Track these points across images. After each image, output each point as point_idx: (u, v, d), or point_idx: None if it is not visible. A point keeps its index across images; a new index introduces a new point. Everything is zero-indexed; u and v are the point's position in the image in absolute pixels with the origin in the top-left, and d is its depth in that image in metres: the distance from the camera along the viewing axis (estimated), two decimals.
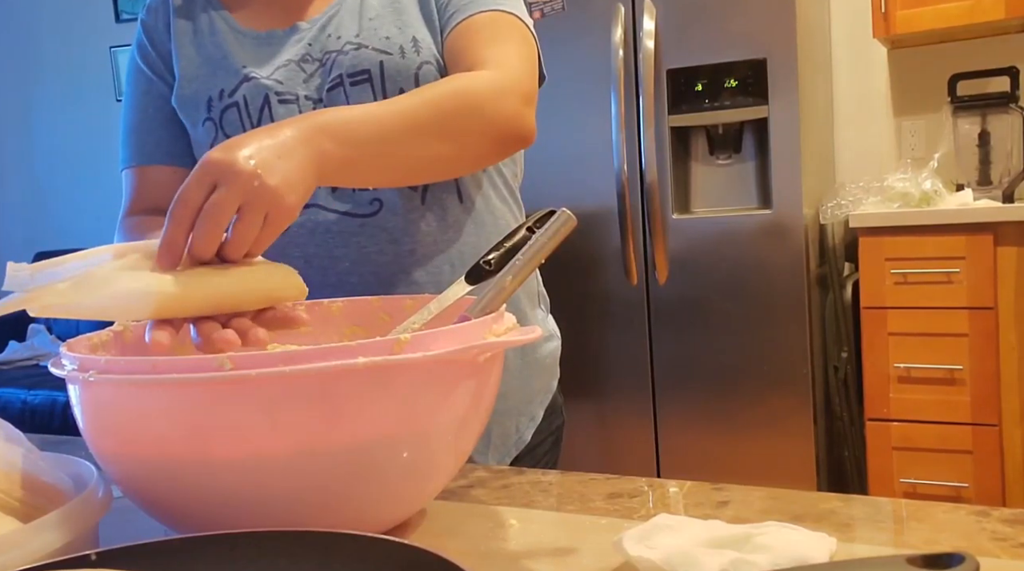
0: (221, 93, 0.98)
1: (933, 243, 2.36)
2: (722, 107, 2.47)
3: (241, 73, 0.98)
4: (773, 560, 0.52)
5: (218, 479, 0.58)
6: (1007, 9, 2.49)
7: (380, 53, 0.96)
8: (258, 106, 0.97)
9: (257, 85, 0.97)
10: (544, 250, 0.69)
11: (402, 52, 0.96)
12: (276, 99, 0.97)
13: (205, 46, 1.01)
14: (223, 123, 0.98)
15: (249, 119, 0.97)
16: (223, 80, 0.98)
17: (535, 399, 1.09)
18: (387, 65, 0.95)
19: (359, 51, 0.96)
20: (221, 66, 0.99)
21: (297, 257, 0.96)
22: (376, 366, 0.56)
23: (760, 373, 2.47)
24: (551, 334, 1.13)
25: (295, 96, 0.97)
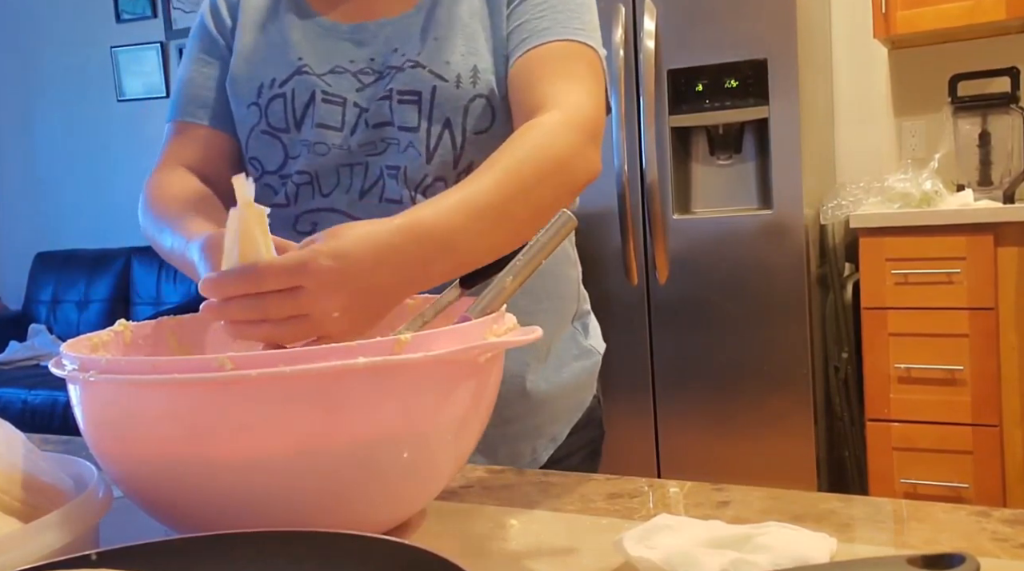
0: (273, 81, 0.97)
1: (934, 243, 2.36)
2: (723, 107, 2.47)
3: (295, 65, 0.97)
4: (773, 560, 0.52)
5: (218, 479, 0.58)
6: (1008, 9, 2.49)
7: (436, 78, 0.93)
8: (304, 101, 0.96)
9: (307, 81, 0.96)
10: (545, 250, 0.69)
11: (458, 82, 0.93)
12: (322, 98, 0.96)
13: (269, 30, 1.00)
14: (268, 111, 0.97)
15: (293, 113, 0.96)
16: (276, 68, 0.98)
17: (561, 419, 1.05)
18: (439, 91, 0.93)
19: (415, 70, 0.94)
20: (279, 53, 0.99)
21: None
22: (376, 366, 0.56)
23: (760, 373, 2.47)
24: (583, 352, 1.08)
25: (342, 99, 0.96)
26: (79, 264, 4.38)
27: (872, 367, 2.46)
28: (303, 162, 0.96)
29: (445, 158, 0.94)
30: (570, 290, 1.07)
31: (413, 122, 0.94)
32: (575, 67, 0.92)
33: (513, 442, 1.01)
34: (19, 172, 4.77)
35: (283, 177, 0.98)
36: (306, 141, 0.96)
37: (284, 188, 0.97)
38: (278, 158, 0.98)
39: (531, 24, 0.93)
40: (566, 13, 0.94)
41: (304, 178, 0.96)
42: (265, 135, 0.98)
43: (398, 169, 0.94)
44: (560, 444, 1.05)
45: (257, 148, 0.99)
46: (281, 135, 0.97)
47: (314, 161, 0.96)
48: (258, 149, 0.98)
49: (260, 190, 0.97)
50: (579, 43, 0.93)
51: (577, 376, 1.07)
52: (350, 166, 0.95)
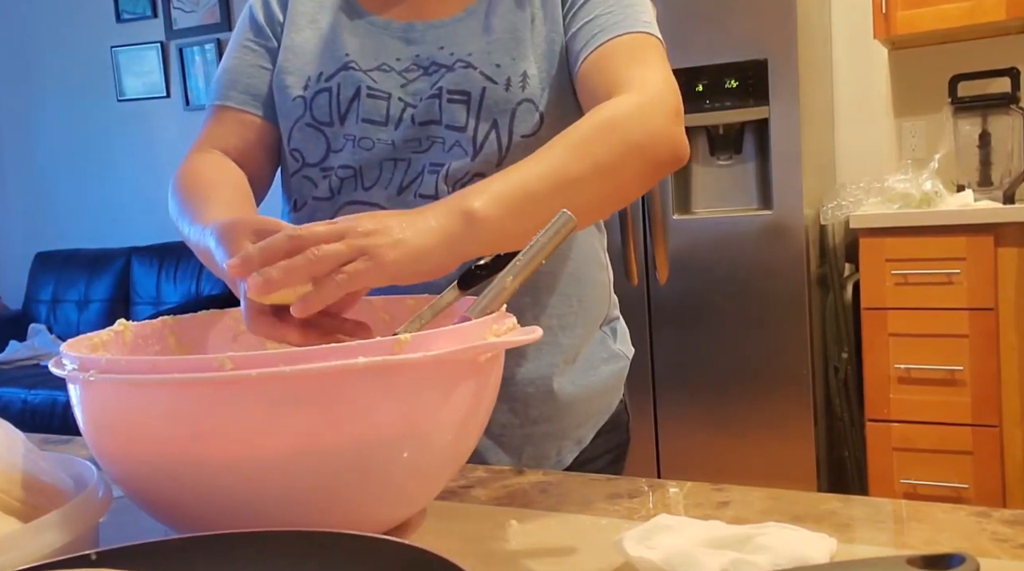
0: (320, 75, 0.99)
1: (934, 244, 2.36)
2: (723, 108, 2.48)
3: (342, 60, 0.98)
4: (773, 560, 0.52)
5: (218, 479, 0.58)
6: (1008, 10, 2.49)
7: (486, 79, 0.94)
8: (349, 96, 0.97)
9: (353, 76, 0.97)
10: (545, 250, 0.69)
11: (508, 84, 0.94)
12: (367, 93, 0.97)
13: (319, 25, 1.02)
14: (313, 104, 0.98)
15: (337, 107, 0.97)
16: (324, 63, 0.99)
17: (587, 423, 1.05)
18: (488, 92, 0.94)
19: (467, 70, 0.95)
20: (327, 49, 1.00)
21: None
22: (376, 366, 0.56)
23: (760, 373, 2.47)
24: (612, 356, 1.07)
25: (387, 95, 0.97)
26: (79, 264, 4.38)
27: (872, 367, 2.46)
28: (347, 156, 0.97)
29: (489, 158, 0.94)
30: (601, 294, 1.07)
31: (461, 121, 0.95)
32: (648, 55, 0.93)
33: (539, 443, 1.01)
34: (19, 172, 4.77)
35: (324, 170, 0.99)
36: (351, 135, 0.97)
37: (327, 181, 0.98)
38: (320, 151, 0.99)
39: (599, 21, 0.94)
40: (632, 7, 0.96)
41: (348, 172, 0.97)
42: (309, 128, 0.99)
43: (441, 166, 0.95)
44: (585, 447, 1.05)
45: (300, 140, 1.00)
46: (325, 128, 0.98)
47: (359, 155, 0.97)
48: (301, 141, 1.00)
49: (299, 182, 1.00)
50: (647, 34, 0.94)
51: (605, 380, 1.06)
52: (394, 161, 0.96)
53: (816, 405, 2.49)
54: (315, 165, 0.99)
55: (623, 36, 0.93)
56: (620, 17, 0.94)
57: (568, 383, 1.01)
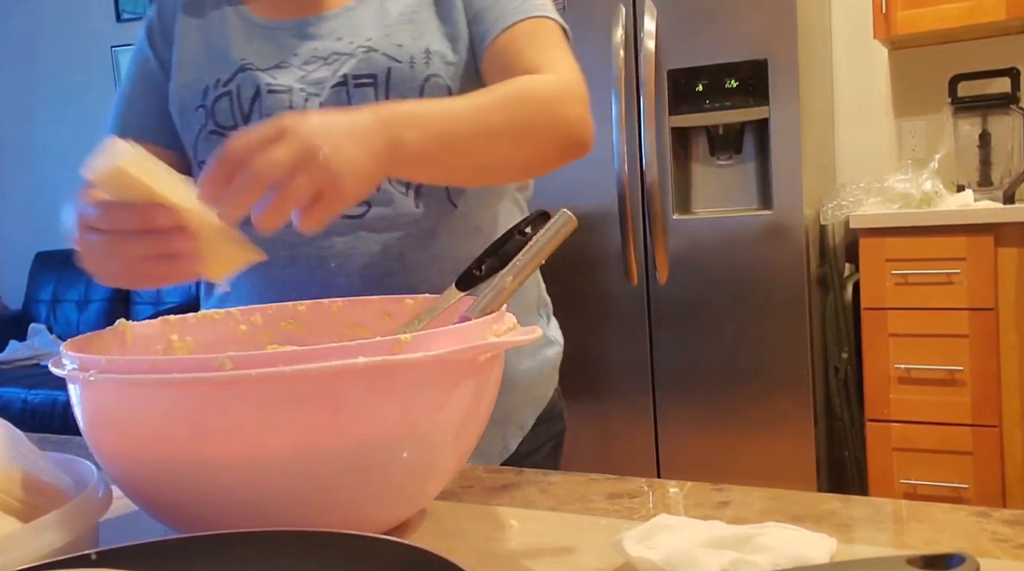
0: (217, 82, 0.99)
1: (934, 244, 2.36)
2: (723, 108, 2.47)
3: (238, 63, 0.99)
4: (773, 560, 0.52)
5: (218, 479, 0.58)
6: (1008, 10, 2.49)
7: (389, 59, 0.96)
8: (249, 96, 0.97)
9: (251, 76, 0.98)
10: (544, 251, 0.69)
11: (411, 62, 0.96)
12: (267, 90, 0.97)
13: (211, 36, 1.02)
14: (215, 111, 0.98)
15: (240, 109, 0.97)
16: (220, 69, 0.99)
17: (527, 408, 1.07)
18: (394, 72, 0.95)
19: (369, 54, 0.96)
20: (221, 56, 1.00)
21: (284, 256, 0.95)
22: (376, 366, 0.56)
23: (760, 373, 2.47)
24: (550, 341, 1.11)
25: (287, 88, 0.97)
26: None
27: (872, 367, 2.46)
28: None
29: None
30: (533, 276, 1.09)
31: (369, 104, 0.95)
32: (552, 40, 0.97)
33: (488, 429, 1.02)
34: (19, 171, 4.77)
35: None
36: None
37: None
38: None
39: (500, 5, 0.97)
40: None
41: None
42: (213, 135, 0.98)
43: None
44: (527, 435, 1.07)
45: (206, 150, 0.99)
46: (229, 133, 0.96)
47: None
48: (207, 151, 0.98)
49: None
50: (544, 17, 0.97)
51: (541, 365, 1.08)
52: None
53: (816, 405, 2.48)
54: None
55: (525, 21, 0.96)
56: (519, 2, 0.97)
57: (508, 366, 1.02)
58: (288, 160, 0.63)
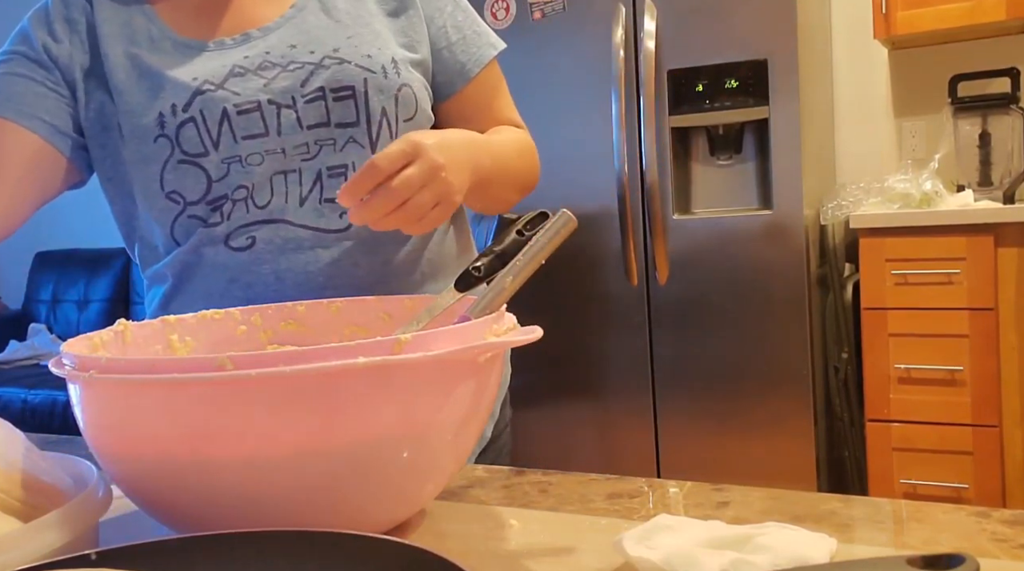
0: (173, 108, 0.92)
1: (934, 244, 2.36)
2: (723, 108, 2.47)
3: (192, 86, 0.93)
4: (773, 560, 0.52)
5: (218, 479, 0.58)
6: (1008, 10, 2.49)
7: (363, 70, 0.95)
8: (216, 119, 0.92)
9: (212, 98, 0.92)
10: (544, 251, 0.69)
11: (384, 72, 0.96)
12: (235, 110, 0.93)
13: (142, 59, 0.95)
14: (180, 139, 0.92)
15: (208, 134, 0.92)
16: (172, 94, 0.93)
17: (498, 397, 1.10)
18: (370, 82, 0.95)
19: (342, 66, 0.95)
20: (166, 79, 0.93)
21: (268, 274, 0.94)
22: (376, 366, 0.56)
23: (760, 373, 2.47)
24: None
25: (255, 103, 0.93)
26: (79, 264, 4.38)
27: (872, 367, 2.46)
28: (238, 177, 0.93)
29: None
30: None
31: (351, 117, 0.95)
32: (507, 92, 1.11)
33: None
34: None
35: (212, 202, 0.94)
36: (234, 157, 0.93)
37: (218, 212, 0.94)
38: (201, 185, 0.93)
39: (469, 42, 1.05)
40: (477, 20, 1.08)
41: (241, 193, 0.94)
42: (183, 165, 0.93)
43: (341, 167, 0.95)
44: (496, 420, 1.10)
45: (175, 181, 0.94)
46: (200, 160, 0.93)
47: (251, 172, 0.93)
48: (176, 181, 0.94)
49: (186, 223, 0.95)
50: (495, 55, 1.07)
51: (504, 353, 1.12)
52: (284, 174, 0.94)
53: (816, 405, 2.49)
54: (198, 202, 0.94)
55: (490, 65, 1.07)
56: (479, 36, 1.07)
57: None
58: (419, 178, 0.77)
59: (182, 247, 0.97)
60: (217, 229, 0.95)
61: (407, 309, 0.82)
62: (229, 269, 0.95)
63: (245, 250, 0.94)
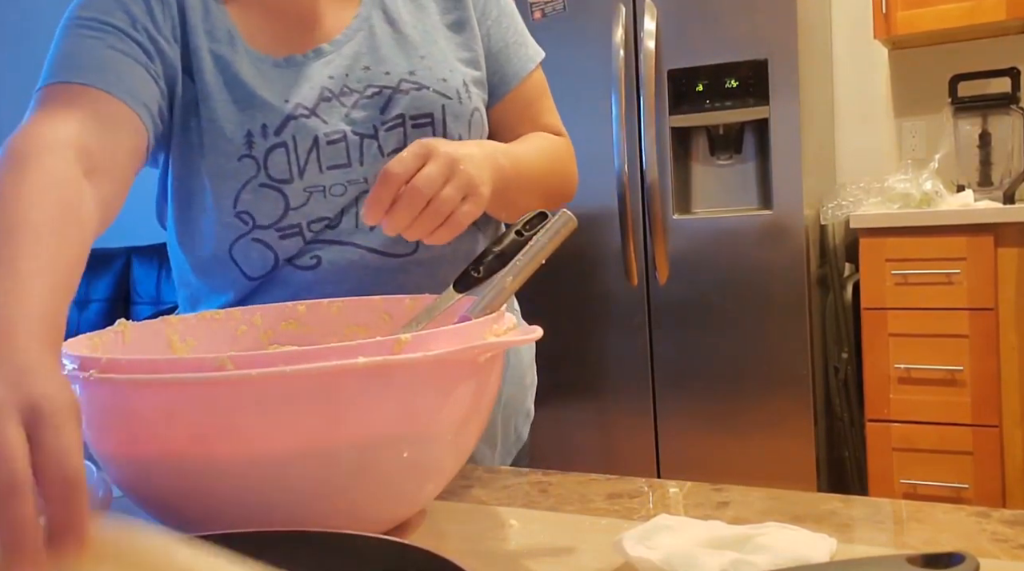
0: (264, 129, 0.89)
1: (934, 244, 2.36)
2: (723, 108, 2.47)
3: (284, 110, 0.89)
4: (773, 560, 0.52)
5: (218, 479, 0.58)
6: (1008, 10, 2.49)
7: (441, 96, 0.94)
8: (307, 147, 0.90)
9: (304, 125, 0.90)
10: (545, 251, 0.69)
11: (459, 97, 0.95)
12: (325, 141, 0.90)
13: (226, 70, 0.90)
14: (267, 163, 0.89)
15: (297, 161, 0.90)
16: (263, 115, 0.89)
17: (528, 395, 1.10)
18: (448, 110, 0.94)
19: (420, 92, 0.93)
20: (255, 98, 0.89)
21: (330, 295, 0.90)
22: (376, 366, 0.56)
23: (760, 374, 2.47)
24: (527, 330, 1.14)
25: (342, 134, 0.91)
26: None
27: (872, 367, 2.46)
28: (318, 208, 0.91)
29: None
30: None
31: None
32: (550, 100, 1.09)
33: (504, 421, 1.04)
34: None
35: (283, 229, 0.91)
36: (317, 187, 0.91)
37: (290, 240, 0.92)
38: (277, 210, 0.91)
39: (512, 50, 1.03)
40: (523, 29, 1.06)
41: (322, 224, 0.92)
42: (264, 188, 0.90)
43: None
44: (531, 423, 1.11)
45: (251, 202, 0.90)
46: (283, 186, 0.90)
47: (332, 203, 0.91)
48: (253, 202, 0.90)
49: (247, 246, 0.92)
50: (539, 61, 1.06)
51: (529, 352, 1.11)
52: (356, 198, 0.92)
53: (816, 405, 2.48)
54: (268, 226, 0.91)
55: (535, 72, 1.05)
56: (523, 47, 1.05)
57: (513, 355, 1.05)
58: (439, 174, 0.75)
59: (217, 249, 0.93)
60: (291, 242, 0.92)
61: (407, 309, 0.82)
62: (291, 286, 0.92)
63: (310, 269, 0.92)
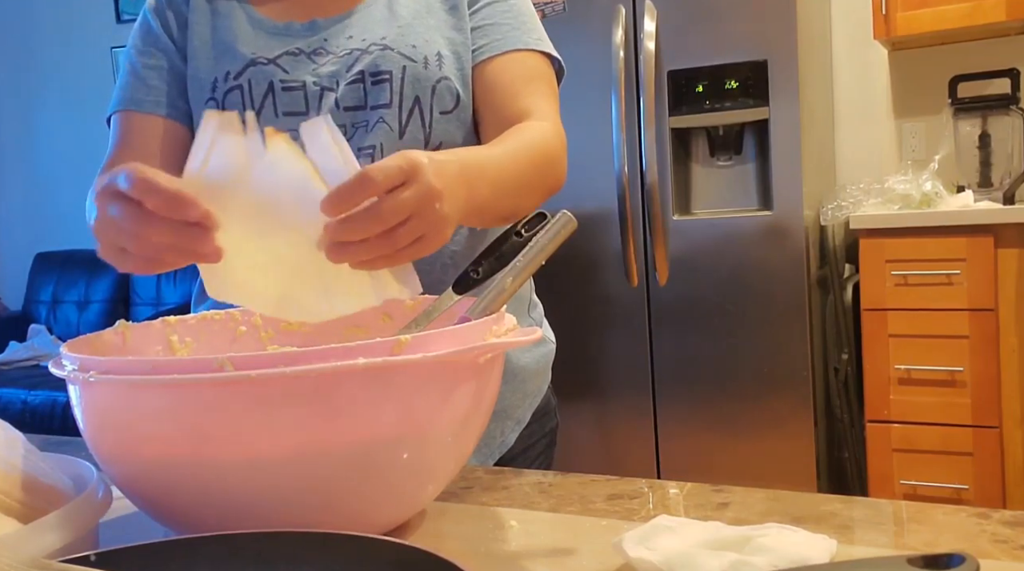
0: (227, 75, 0.99)
1: (934, 245, 2.36)
2: (723, 109, 2.47)
3: (248, 57, 0.99)
4: (773, 562, 0.52)
5: (218, 480, 0.58)
6: (1008, 11, 2.49)
7: (404, 58, 0.98)
8: (262, 91, 0.98)
9: (262, 70, 0.98)
10: (544, 252, 0.69)
11: (426, 63, 0.98)
12: (281, 86, 0.98)
13: (219, 29, 1.02)
14: (225, 104, 0.98)
15: (252, 103, 0.98)
16: (229, 63, 1.00)
17: (523, 403, 1.09)
18: (409, 71, 0.97)
19: (384, 52, 0.98)
20: (229, 49, 1.00)
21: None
22: (376, 367, 0.56)
23: (760, 374, 2.47)
24: (545, 338, 1.13)
25: (300, 83, 0.98)
26: (79, 264, 4.38)
27: (872, 368, 2.46)
28: None
29: (416, 136, 0.97)
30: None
31: (385, 99, 0.97)
32: (547, 87, 1.02)
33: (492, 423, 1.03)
34: (19, 172, 4.77)
35: None
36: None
37: None
38: None
39: (499, 28, 1.01)
40: (527, 21, 1.03)
41: None
42: None
43: (373, 148, 0.97)
44: (523, 431, 1.09)
45: None
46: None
47: None
48: None
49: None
50: (539, 52, 1.02)
51: (537, 360, 1.10)
52: None
53: (816, 406, 2.48)
54: None
55: (523, 52, 1.00)
56: (517, 29, 1.01)
57: (507, 361, 1.04)
58: (413, 204, 0.65)
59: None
60: None
61: (407, 310, 0.82)
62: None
63: None
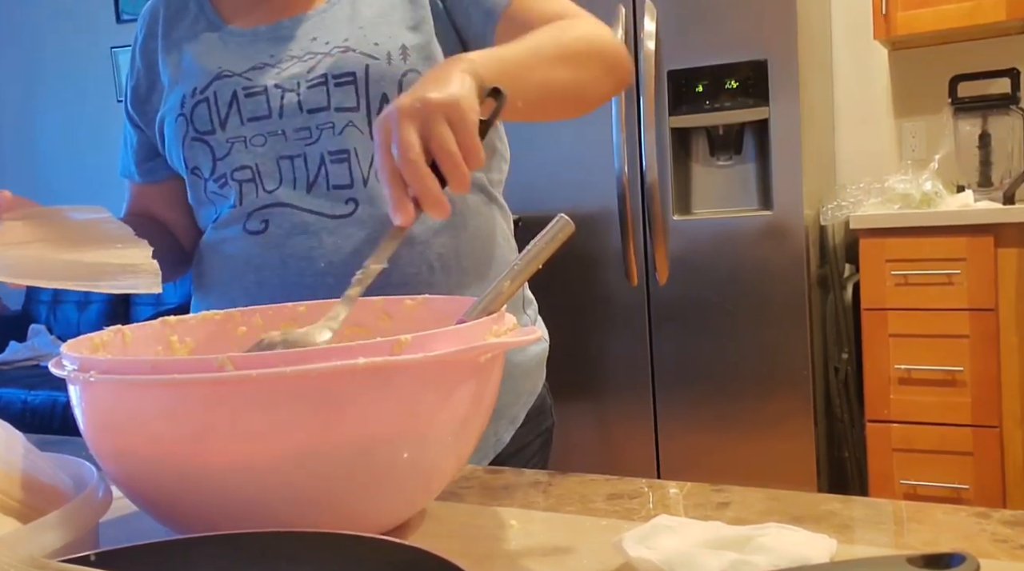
0: (194, 90, 1.00)
1: (934, 244, 2.36)
2: (723, 108, 2.48)
3: (214, 71, 1.00)
4: (773, 561, 0.52)
5: (218, 479, 0.58)
6: (1008, 11, 2.49)
7: (367, 57, 0.97)
8: (226, 100, 0.99)
9: (227, 82, 0.99)
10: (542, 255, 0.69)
11: (388, 59, 0.97)
12: (244, 93, 0.98)
13: (186, 50, 1.04)
14: (193, 118, 1.00)
15: (217, 113, 0.99)
16: (197, 78, 1.01)
17: (518, 402, 1.08)
18: (372, 69, 0.96)
19: (346, 54, 0.97)
20: (197, 65, 1.02)
21: (275, 257, 0.96)
22: (376, 366, 0.56)
23: (760, 374, 2.47)
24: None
25: (262, 87, 0.98)
26: None
27: (872, 368, 2.46)
28: (241, 158, 0.98)
29: None
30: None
31: (352, 102, 0.96)
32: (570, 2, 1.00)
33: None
34: (19, 171, 4.77)
35: (218, 179, 1.00)
36: (239, 138, 0.98)
37: (227, 188, 1.00)
38: (209, 162, 1.01)
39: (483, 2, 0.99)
40: None
41: (246, 174, 0.99)
42: (195, 142, 1.01)
43: (346, 151, 0.96)
44: (518, 430, 1.08)
45: (193, 157, 1.02)
46: (207, 138, 1.00)
47: (253, 153, 0.98)
48: (194, 158, 1.02)
49: (211, 197, 1.03)
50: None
51: (531, 359, 1.10)
52: (290, 159, 0.97)
53: (816, 405, 2.49)
54: (210, 177, 1.01)
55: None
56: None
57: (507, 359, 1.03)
58: (407, 127, 0.68)
59: (207, 230, 1.04)
60: (235, 212, 1.00)
61: (407, 309, 0.82)
62: (244, 251, 0.99)
63: (259, 234, 0.98)
